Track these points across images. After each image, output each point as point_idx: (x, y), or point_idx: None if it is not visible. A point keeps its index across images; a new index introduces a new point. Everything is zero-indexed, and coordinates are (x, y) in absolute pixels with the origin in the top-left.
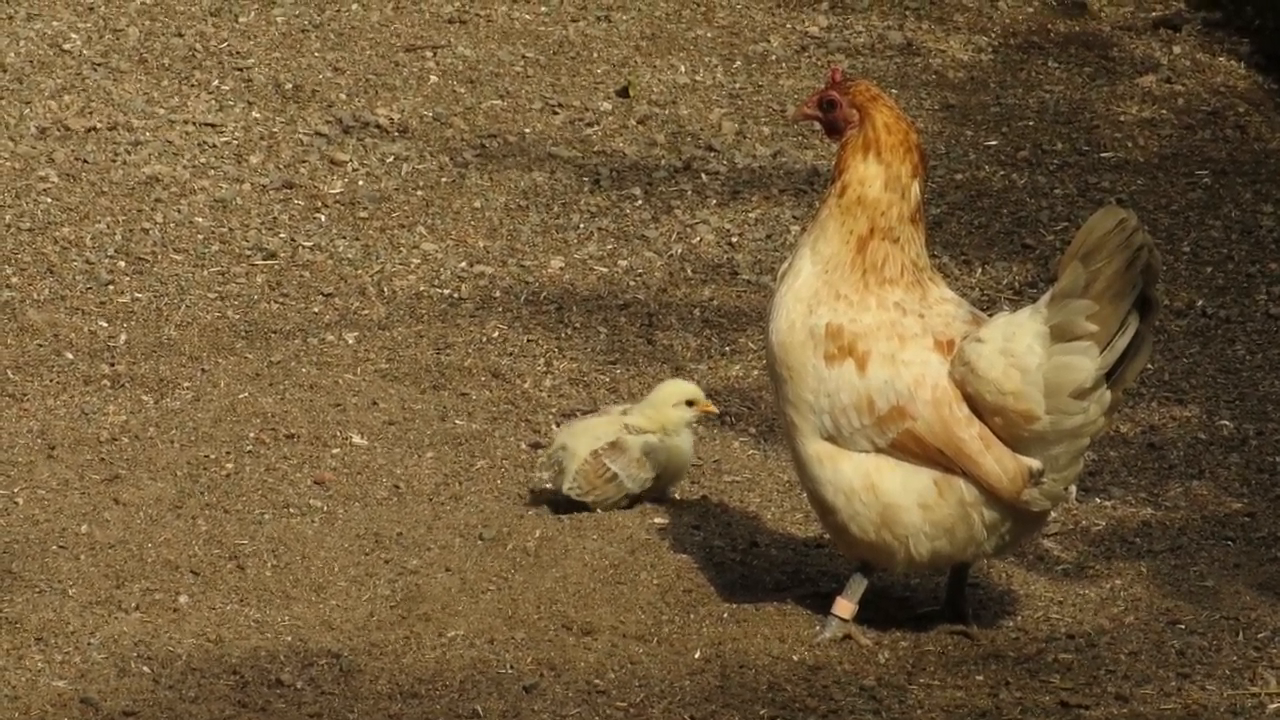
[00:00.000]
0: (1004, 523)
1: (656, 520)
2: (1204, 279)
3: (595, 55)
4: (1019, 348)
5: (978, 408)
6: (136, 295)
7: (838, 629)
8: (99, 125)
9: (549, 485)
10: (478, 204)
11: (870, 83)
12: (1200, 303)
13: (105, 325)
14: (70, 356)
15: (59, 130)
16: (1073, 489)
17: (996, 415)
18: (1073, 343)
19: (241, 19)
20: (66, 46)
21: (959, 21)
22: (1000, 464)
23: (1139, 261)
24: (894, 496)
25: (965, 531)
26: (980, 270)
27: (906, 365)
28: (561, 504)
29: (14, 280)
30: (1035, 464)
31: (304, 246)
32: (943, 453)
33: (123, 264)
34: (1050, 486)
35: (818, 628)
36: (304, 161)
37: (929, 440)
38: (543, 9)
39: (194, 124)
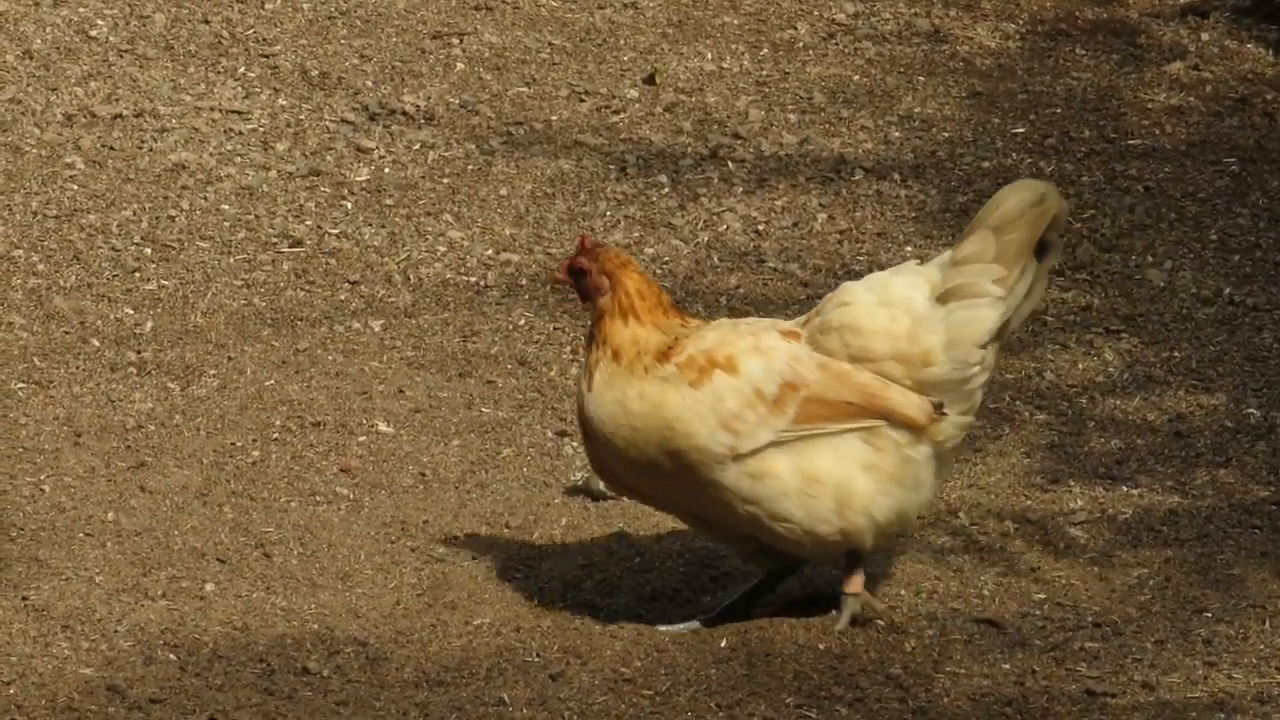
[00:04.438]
0: (936, 462)
1: None
2: (1231, 267)
3: (622, 42)
4: (897, 296)
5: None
6: (163, 282)
7: (853, 605)
8: (125, 112)
9: (581, 484)
10: (504, 191)
11: (618, 250)
12: (1227, 290)
13: (131, 312)
14: (96, 344)
15: (85, 117)
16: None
17: (891, 362)
18: (977, 299)
19: (268, 5)
20: (93, 33)
21: (986, 8)
22: (905, 396)
23: (1049, 225)
24: (835, 473)
25: (912, 476)
26: None
27: (773, 349)
28: (592, 494)
29: (40, 267)
30: (934, 399)
31: (330, 234)
32: (850, 403)
33: (149, 251)
34: (956, 418)
35: (834, 613)
36: (330, 149)
37: (832, 396)
38: None
39: (220, 111)
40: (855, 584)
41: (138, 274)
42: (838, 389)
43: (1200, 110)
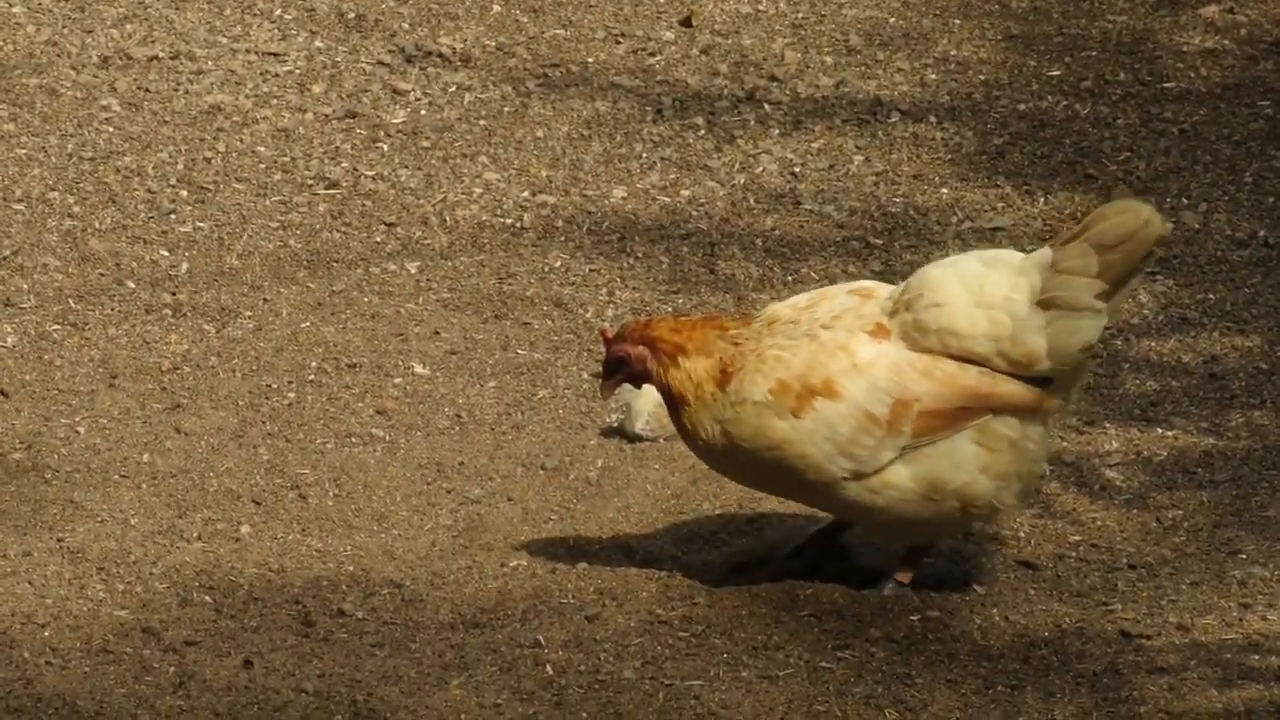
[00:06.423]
0: (1044, 435)
1: None
2: (1265, 209)
3: None
4: (995, 298)
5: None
6: (198, 224)
7: (894, 591)
8: (161, 54)
9: (617, 426)
10: (540, 133)
11: (635, 318)
12: (1262, 233)
13: (167, 254)
14: (132, 285)
15: (121, 59)
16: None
17: (996, 359)
18: (1079, 311)
19: None
20: None
21: None
22: (1014, 386)
23: (1153, 249)
24: (957, 477)
25: (1028, 463)
26: (1043, 200)
27: (871, 364)
28: (628, 435)
29: (76, 209)
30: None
31: (366, 176)
32: (963, 408)
33: (185, 193)
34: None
35: (874, 588)
36: (366, 91)
37: (945, 406)
38: None
39: (256, 53)
40: (907, 576)
41: (173, 216)
42: (949, 397)
43: (1235, 53)
